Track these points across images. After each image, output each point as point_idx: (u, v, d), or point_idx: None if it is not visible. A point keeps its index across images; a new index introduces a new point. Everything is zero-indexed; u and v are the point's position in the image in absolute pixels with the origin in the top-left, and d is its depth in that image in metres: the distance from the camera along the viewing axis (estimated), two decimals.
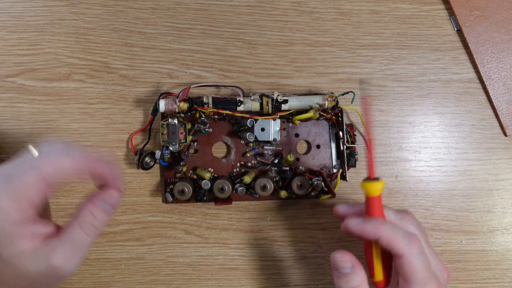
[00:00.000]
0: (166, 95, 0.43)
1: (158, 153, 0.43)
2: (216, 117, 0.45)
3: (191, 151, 0.45)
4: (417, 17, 0.47)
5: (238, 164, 0.45)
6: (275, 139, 0.43)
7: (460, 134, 0.47)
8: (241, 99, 0.42)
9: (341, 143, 0.44)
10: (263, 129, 0.43)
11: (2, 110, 0.46)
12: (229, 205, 0.44)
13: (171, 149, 0.42)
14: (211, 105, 0.42)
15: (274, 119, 0.43)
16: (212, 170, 0.45)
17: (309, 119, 0.43)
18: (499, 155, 0.47)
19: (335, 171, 0.45)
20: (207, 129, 0.45)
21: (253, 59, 0.47)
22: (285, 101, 0.42)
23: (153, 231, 0.45)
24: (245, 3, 0.47)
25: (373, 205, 0.34)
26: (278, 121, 0.43)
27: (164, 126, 0.42)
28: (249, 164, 0.45)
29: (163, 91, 0.46)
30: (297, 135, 0.45)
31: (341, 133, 0.44)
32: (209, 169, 0.45)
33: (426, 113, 0.47)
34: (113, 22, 0.47)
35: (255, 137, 0.43)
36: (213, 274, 0.45)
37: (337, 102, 0.43)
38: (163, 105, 0.42)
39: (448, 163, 0.47)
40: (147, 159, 0.43)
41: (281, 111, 0.43)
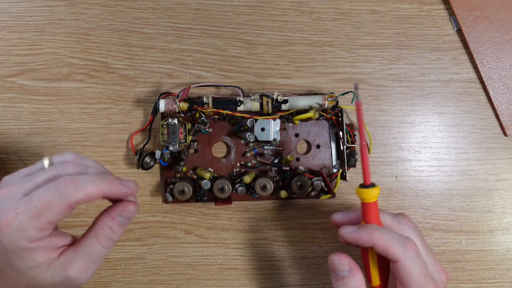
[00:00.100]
0: (166, 95, 0.43)
1: (158, 153, 0.43)
2: (216, 117, 0.45)
3: (191, 151, 0.45)
4: (417, 17, 0.47)
5: (238, 164, 0.45)
6: (275, 139, 0.43)
7: (460, 134, 0.47)
8: (241, 99, 0.42)
9: (341, 143, 0.44)
10: (263, 129, 0.43)
11: (2, 110, 0.46)
12: (229, 205, 0.44)
13: (171, 149, 0.42)
14: (211, 105, 0.42)
15: (274, 119, 0.43)
16: (212, 170, 0.45)
17: (309, 119, 0.43)
18: (499, 155, 0.47)
19: (335, 171, 0.45)
20: (207, 129, 0.45)
21: (253, 59, 0.47)
22: (285, 101, 0.42)
23: (153, 231, 0.45)
24: (245, 3, 0.47)
25: (369, 211, 0.34)
26: (278, 121, 0.43)
27: (164, 126, 0.42)
28: (249, 164, 0.45)
29: (163, 91, 0.46)
30: (297, 135, 0.45)
31: (341, 133, 0.44)
32: (209, 169, 0.45)
33: (426, 113, 0.47)
34: (113, 22, 0.47)
35: (255, 137, 0.43)
36: (213, 274, 0.45)
37: (337, 102, 0.43)
38: (163, 105, 0.42)
39: (448, 163, 0.47)
40: (147, 159, 0.43)
41: (281, 111, 0.43)
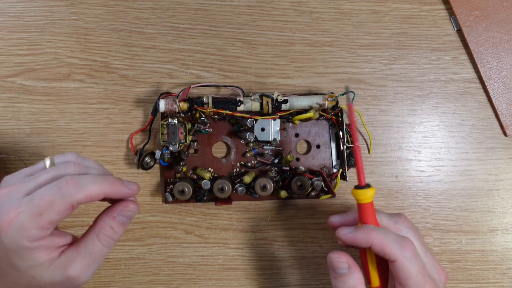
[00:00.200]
0: (166, 95, 0.43)
1: (158, 153, 0.43)
2: (216, 117, 0.45)
3: (191, 151, 0.45)
4: (417, 17, 0.47)
5: (238, 164, 0.45)
6: (275, 139, 0.43)
7: (460, 134, 0.47)
8: (241, 99, 0.42)
9: (341, 143, 0.44)
10: (263, 129, 0.43)
11: (2, 110, 0.46)
12: (229, 205, 0.44)
13: (171, 149, 0.42)
14: (211, 105, 0.42)
15: (274, 119, 0.43)
16: (212, 170, 0.45)
17: (309, 119, 0.43)
18: (499, 155, 0.47)
19: (335, 171, 0.45)
20: (207, 129, 0.45)
21: (253, 59, 0.47)
22: (285, 101, 0.42)
23: (153, 231, 0.45)
24: (245, 3, 0.47)
25: (365, 211, 0.34)
26: (278, 121, 0.43)
27: (164, 126, 0.42)
28: (249, 164, 0.45)
29: (163, 91, 0.46)
30: (297, 135, 0.45)
31: (341, 133, 0.44)
32: (209, 169, 0.45)
33: (426, 113, 0.47)
34: (113, 22, 0.47)
35: (255, 137, 0.43)
36: (213, 274, 0.45)
37: (337, 102, 0.43)
38: (163, 105, 0.42)
39: (448, 163, 0.47)
40: (147, 159, 0.43)
41: (281, 111, 0.43)
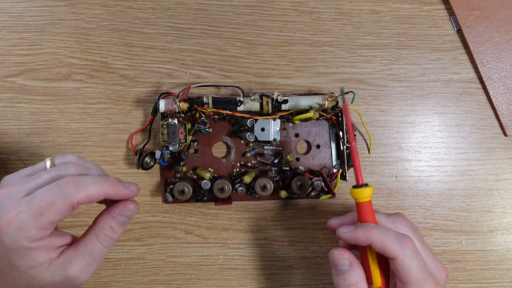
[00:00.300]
0: (166, 95, 0.43)
1: (158, 153, 0.43)
2: (216, 117, 0.45)
3: (191, 151, 0.45)
4: (417, 17, 0.47)
5: (238, 164, 0.45)
6: (275, 139, 0.43)
7: (460, 134, 0.47)
8: (241, 99, 0.42)
9: (341, 143, 0.44)
10: (263, 129, 0.43)
11: (2, 110, 0.46)
12: (229, 205, 0.44)
13: (171, 149, 0.42)
14: (211, 105, 0.42)
15: (274, 119, 0.43)
16: (212, 170, 0.45)
17: (309, 119, 0.43)
18: (499, 155, 0.47)
19: (335, 171, 0.45)
20: (207, 129, 0.45)
21: (253, 59, 0.47)
22: (285, 101, 0.42)
23: (153, 231, 0.45)
24: (245, 3, 0.47)
25: (363, 211, 0.34)
26: (278, 121, 0.43)
27: (164, 126, 0.42)
28: (249, 164, 0.45)
29: (163, 91, 0.46)
30: (297, 135, 0.45)
31: (341, 133, 0.44)
32: (209, 169, 0.45)
33: (426, 113, 0.47)
34: (113, 22, 0.47)
35: (255, 137, 0.43)
36: (213, 274, 0.45)
37: (337, 102, 0.43)
38: (163, 105, 0.42)
39: (448, 163, 0.47)
40: (147, 159, 0.43)
41: (281, 111, 0.43)
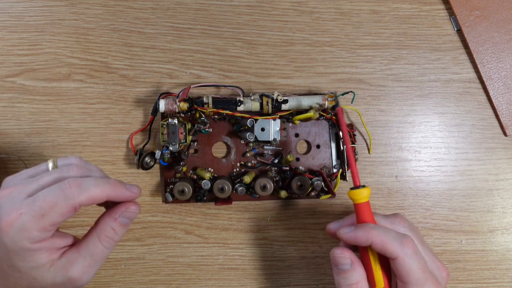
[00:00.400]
0: (166, 95, 0.43)
1: (158, 153, 0.43)
2: (216, 117, 0.45)
3: (191, 151, 0.45)
4: (417, 17, 0.47)
5: (238, 164, 0.45)
6: (275, 139, 0.43)
7: (460, 134, 0.47)
8: (241, 99, 0.42)
9: (341, 143, 0.44)
10: (263, 129, 0.43)
11: (2, 110, 0.46)
12: (229, 205, 0.44)
13: (171, 149, 0.42)
14: (211, 105, 0.42)
15: (274, 119, 0.43)
16: (212, 170, 0.45)
17: (309, 119, 0.43)
18: (499, 155, 0.47)
19: (335, 171, 0.45)
20: (207, 129, 0.45)
21: (253, 59, 0.47)
22: (285, 101, 0.42)
23: (153, 231, 0.45)
24: (245, 3, 0.47)
25: (362, 212, 0.34)
26: (278, 121, 0.43)
27: (164, 126, 0.42)
28: (249, 164, 0.45)
29: (163, 91, 0.46)
30: (297, 135, 0.45)
31: (341, 133, 0.44)
32: (209, 169, 0.45)
33: (426, 113, 0.47)
34: (113, 22, 0.47)
35: (255, 137, 0.43)
36: (213, 274, 0.45)
37: (337, 102, 0.43)
38: (163, 105, 0.42)
39: (448, 163, 0.47)
40: (147, 159, 0.43)
41: (281, 111, 0.43)
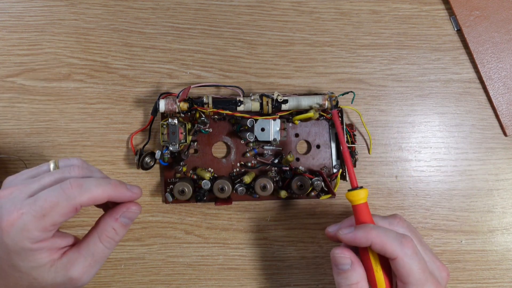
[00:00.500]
0: (166, 95, 0.43)
1: (158, 153, 0.43)
2: (216, 117, 0.45)
3: (191, 151, 0.45)
4: (417, 17, 0.47)
5: (238, 164, 0.45)
6: (275, 139, 0.43)
7: (460, 134, 0.47)
8: (241, 99, 0.42)
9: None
10: (263, 129, 0.43)
11: (2, 110, 0.46)
12: (229, 205, 0.44)
13: (171, 149, 0.42)
14: (211, 105, 0.42)
15: (274, 119, 0.43)
16: (212, 170, 0.45)
17: (309, 119, 0.43)
18: (499, 155, 0.47)
19: (335, 171, 0.45)
20: (207, 129, 0.45)
21: (253, 59, 0.47)
22: (285, 101, 0.42)
23: (153, 231, 0.45)
24: (245, 3, 0.47)
25: (360, 213, 0.35)
26: (278, 121, 0.43)
27: (164, 126, 0.42)
28: (249, 164, 0.45)
29: (163, 91, 0.46)
30: (297, 135, 0.45)
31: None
32: (209, 169, 0.45)
33: (426, 113, 0.47)
34: (113, 22, 0.47)
35: (255, 137, 0.43)
36: (213, 274, 0.45)
37: (337, 102, 0.43)
38: (163, 105, 0.42)
39: (448, 163, 0.47)
40: (147, 159, 0.43)
41: (281, 111, 0.43)
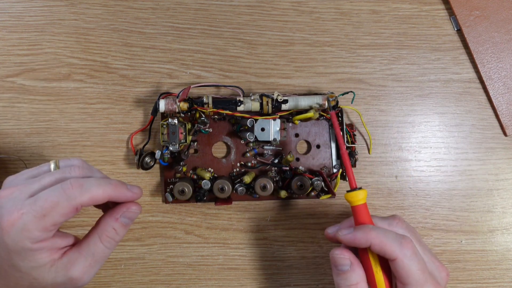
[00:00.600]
0: (166, 95, 0.43)
1: (158, 153, 0.43)
2: (216, 117, 0.45)
3: (191, 151, 0.45)
4: (417, 17, 0.47)
5: (238, 164, 0.45)
6: (275, 139, 0.43)
7: (460, 134, 0.47)
8: (241, 99, 0.42)
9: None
10: (263, 129, 0.43)
11: (2, 110, 0.46)
12: (229, 205, 0.44)
13: (171, 149, 0.42)
14: (211, 105, 0.42)
15: (274, 119, 0.43)
16: (212, 170, 0.45)
17: (309, 119, 0.43)
18: (499, 155, 0.47)
19: (335, 171, 0.45)
20: (207, 129, 0.45)
21: (253, 59, 0.47)
22: (285, 101, 0.42)
23: (153, 231, 0.45)
24: (245, 3, 0.47)
25: (360, 214, 0.35)
26: (278, 121, 0.43)
27: (164, 126, 0.42)
28: (249, 164, 0.45)
29: (163, 91, 0.46)
30: (297, 135, 0.45)
31: (341, 133, 0.44)
32: (209, 169, 0.45)
33: (426, 113, 0.47)
34: (113, 22, 0.47)
35: (255, 137, 0.43)
36: (213, 274, 0.45)
37: (337, 102, 0.43)
38: (163, 105, 0.42)
39: (448, 163, 0.47)
40: (147, 159, 0.43)
41: (281, 111, 0.43)
